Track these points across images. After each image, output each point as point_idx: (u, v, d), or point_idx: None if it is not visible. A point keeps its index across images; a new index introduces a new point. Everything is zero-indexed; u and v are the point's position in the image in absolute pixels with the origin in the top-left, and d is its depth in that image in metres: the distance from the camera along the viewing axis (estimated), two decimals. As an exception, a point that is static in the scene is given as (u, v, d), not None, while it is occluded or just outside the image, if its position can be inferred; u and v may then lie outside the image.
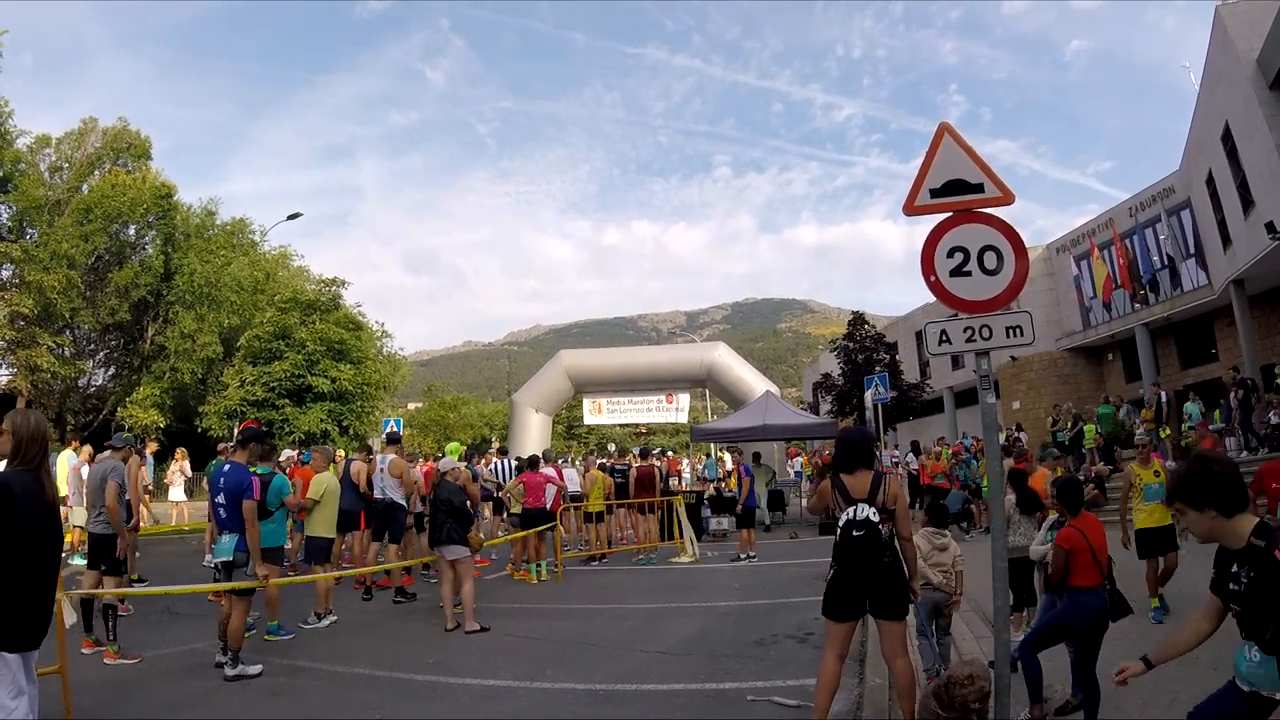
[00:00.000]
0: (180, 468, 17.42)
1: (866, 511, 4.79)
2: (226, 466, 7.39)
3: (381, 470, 11.39)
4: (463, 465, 9.94)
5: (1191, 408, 18.44)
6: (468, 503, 9.32)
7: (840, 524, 4.85)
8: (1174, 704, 5.50)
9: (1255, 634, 2.94)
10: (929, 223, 5.19)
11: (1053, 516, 6.38)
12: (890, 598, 4.85)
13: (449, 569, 9.01)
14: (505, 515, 15.20)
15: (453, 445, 12.74)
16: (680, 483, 23.79)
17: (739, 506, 15.47)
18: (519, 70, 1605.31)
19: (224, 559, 7.16)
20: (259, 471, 8.14)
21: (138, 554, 11.03)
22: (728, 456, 23.13)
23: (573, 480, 15.80)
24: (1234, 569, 3.03)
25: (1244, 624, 3.01)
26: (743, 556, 14.17)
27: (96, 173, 30.72)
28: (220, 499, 7.23)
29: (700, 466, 25.45)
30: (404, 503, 11.46)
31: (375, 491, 11.24)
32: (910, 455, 20.33)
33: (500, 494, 14.81)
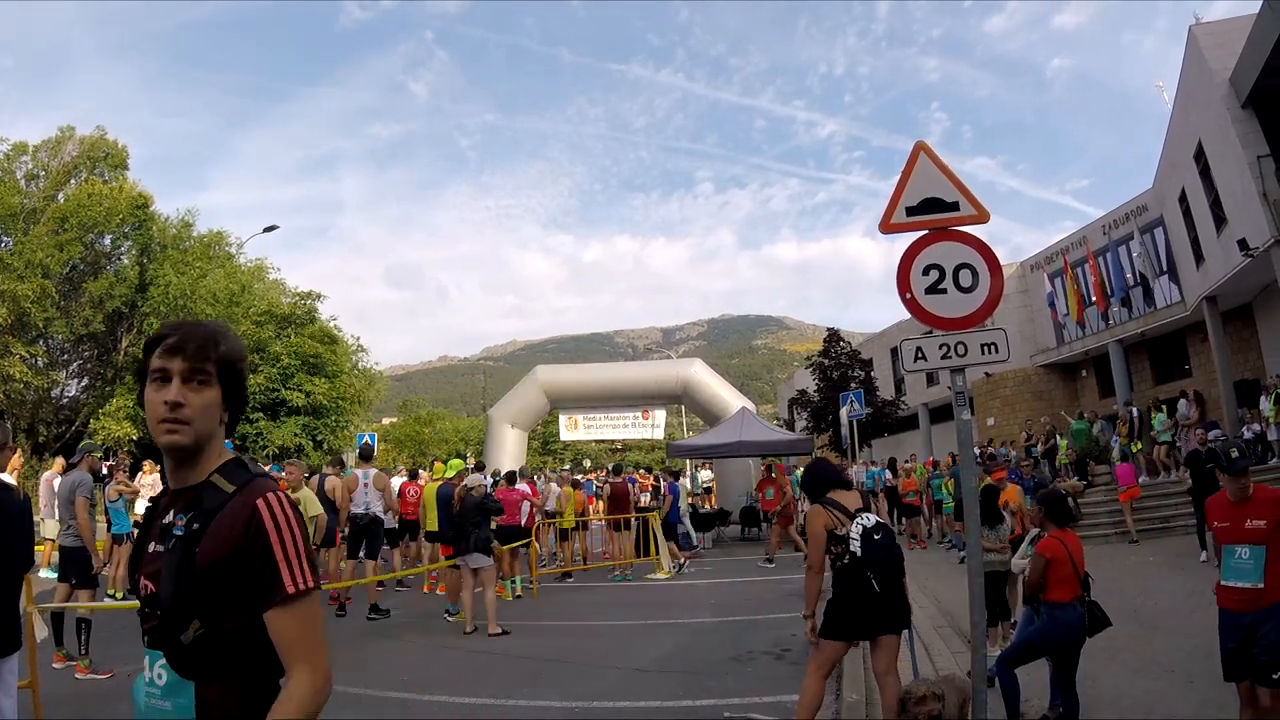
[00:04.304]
0: (152, 481, 17.15)
1: (874, 518, 4.91)
2: None
3: (365, 484, 11.37)
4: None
5: (1161, 419, 18.52)
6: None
7: (858, 536, 4.84)
8: (1150, 717, 5.54)
9: (165, 640, 1.82)
10: (906, 240, 5.22)
11: (1034, 530, 6.34)
12: (905, 606, 4.92)
13: (470, 576, 9.42)
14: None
15: (455, 462, 12.79)
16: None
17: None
18: (502, 84, 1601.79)
19: None
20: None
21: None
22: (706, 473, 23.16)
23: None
24: (168, 519, 1.84)
25: (152, 629, 1.87)
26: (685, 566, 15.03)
27: (73, 181, 30.39)
28: None
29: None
30: (383, 517, 11.45)
31: (358, 505, 11.20)
32: (887, 472, 20.35)
33: None
